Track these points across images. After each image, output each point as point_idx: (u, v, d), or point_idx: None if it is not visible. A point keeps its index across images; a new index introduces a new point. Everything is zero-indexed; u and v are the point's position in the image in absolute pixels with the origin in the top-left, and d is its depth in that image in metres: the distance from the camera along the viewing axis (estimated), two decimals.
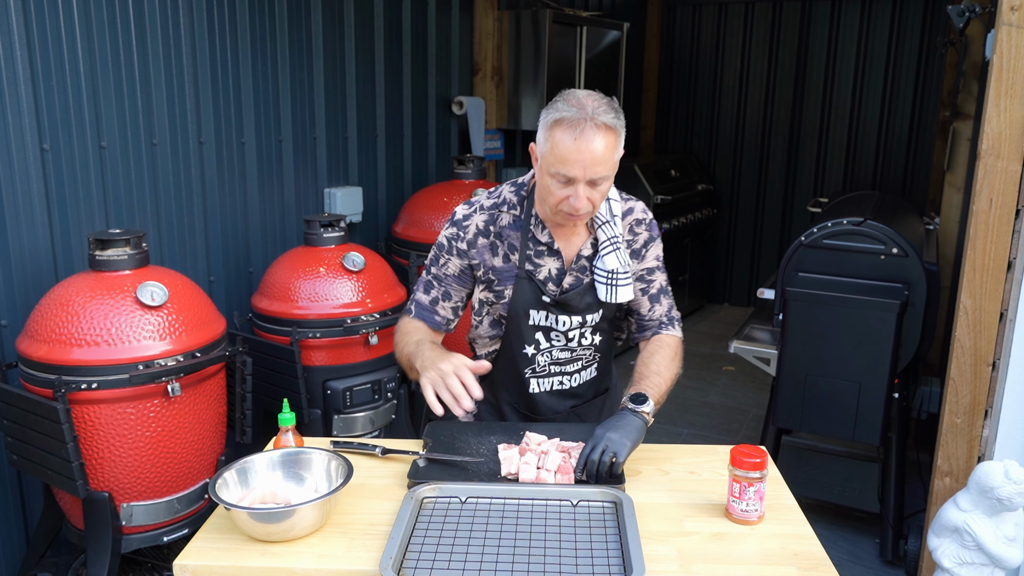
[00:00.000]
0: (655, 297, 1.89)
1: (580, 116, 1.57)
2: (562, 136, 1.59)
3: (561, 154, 1.59)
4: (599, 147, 1.58)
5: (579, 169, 1.59)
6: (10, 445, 2.22)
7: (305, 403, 2.74)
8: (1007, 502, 2.20)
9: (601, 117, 1.58)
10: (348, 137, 3.66)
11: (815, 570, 1.37)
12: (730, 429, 4.23)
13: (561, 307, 1.80)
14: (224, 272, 3.16)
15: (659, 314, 1.90)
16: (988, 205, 2.38)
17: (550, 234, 1.79)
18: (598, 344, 1.89)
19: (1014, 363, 2.38)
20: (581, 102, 1.60)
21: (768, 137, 6.27)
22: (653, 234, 1.87)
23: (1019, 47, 2.27)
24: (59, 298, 2.18)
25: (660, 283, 1.90)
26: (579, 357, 1.89)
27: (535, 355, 1.86)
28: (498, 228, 1.81)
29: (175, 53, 2.84)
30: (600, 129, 1.58)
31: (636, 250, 1.85)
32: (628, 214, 1.84)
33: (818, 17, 5.94)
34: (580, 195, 1.62)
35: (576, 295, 1.80)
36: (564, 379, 1.90)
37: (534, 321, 1.82)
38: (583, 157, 1.58)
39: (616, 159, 1.64)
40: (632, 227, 1.84)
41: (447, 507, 1.51)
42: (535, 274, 1.80)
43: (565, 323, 1.82)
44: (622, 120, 1.64)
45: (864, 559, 3.05)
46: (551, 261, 1.80)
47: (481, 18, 4.39)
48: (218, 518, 1.53)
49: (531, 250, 1.80)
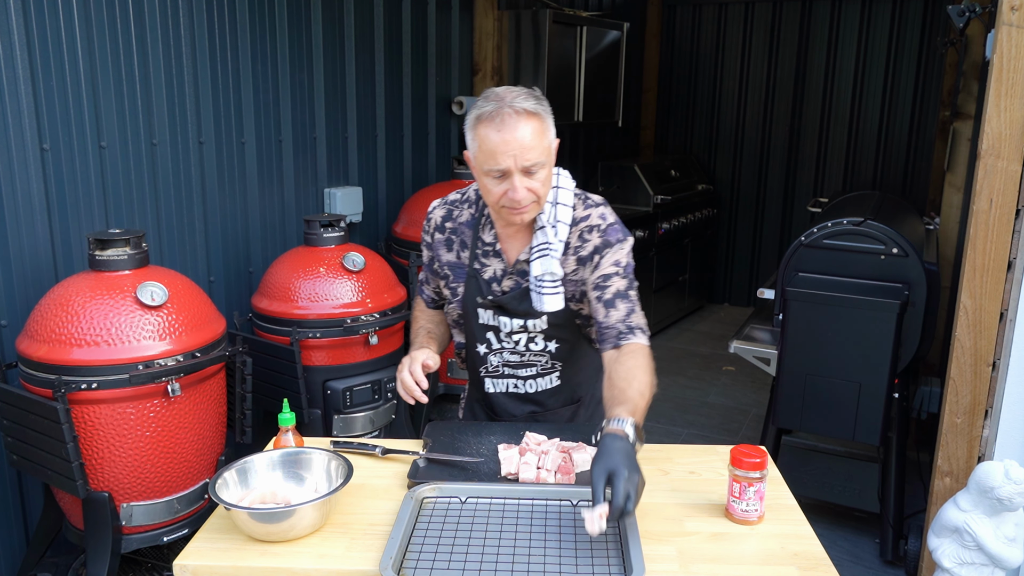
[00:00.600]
0: (610, 302, 1.74)
1: (498, 107, 1.58)
2: (486, 131, 1.59)
3: (488, 149, 1.60)
4: (524, 133, 1.58)
5: (509, 159, 1.59)
6: (10, 445, 2.22)
7: (305, 403, 2.74)
8: (1007, 502, 2.20)
9: (519, 104, 1.58)
10: (348, 137, 3.66)
11: (815, 570, 1.37)
12: (730, 429, 4.23)
13: (501, 309, 1.79)
14: (224, 272, 3.16)
15: (615, 320, 1.73)
16: (988, 205, 2.38)
17: (495, 235, 1.79)
18: (554, 352, 1.82)
19: (1014, 363, 2.38)
20: (499, 95, 1.61)
21: (768, 137, 6.27)
22: (610, 239, 1.74)
23: (1019, 47, 2.27)
24: (59, 298, 2.18)
25: (617, 288, 1.74)
26: (532, 363, 1.84)
27: (487, 354, 1.86)
28: (455, 224, 1.84)
29: (175, 53, 2.84)
30: (520, 115, 1.58)
31: (583, 257, 1.75)
32: (582, 220, 1.76)
33: (818, 17, 5.94)
34: (517, 186, 1.61)
35: (513, 299, 1.76)
36: (518, 383, 1.87)
37: (483, 320, 1.82)
38: (510, 147, 1.58)
39: (547, 145, 1.64)
40: (582, 233, 1.76)
41: (447, 507, 1.51)
42: (481, 273, 1.80)
43: (507, 325, 1.79)
44: (545, 106, 1.64)
45: (864, 559, 3.05)
46: (495, 262, 1.80)
47: (481, 18, 4.39)
48: (218, 518, 1.53)
49: (479, 249, 1.81)
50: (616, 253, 1.75)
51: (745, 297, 6.55)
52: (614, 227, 1.77)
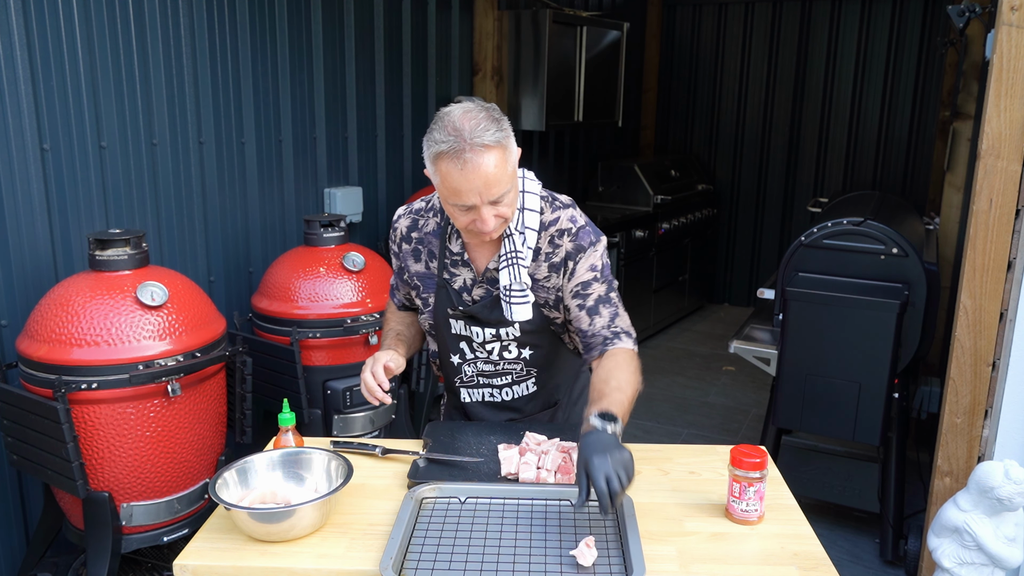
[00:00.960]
0: (593, 309, 1.71)
1: (458, 145, 1.50)
2: (448, 168, 1.52)
3: (452, 187, 1.54)
4: (488, 170, 1.51)
5: (475, 196, 1.54)
6: (10, 445, 2.22)
7: (305, 403, 2.74)
8: (1007, 502, 2.20)
9: (480, 138, 1.50)
10: (348, 137, 3.66)
11: (815, 570, 1.37)
12: (730, 429, 4.23)
13: (472, 319, 1.76)
14: (224, 272, 3.16)
15: (600, 327, 1.71)
16: (988, 205, 2.38)
17: (462, 244, 1.75)
18: (528, 359, 1.80)
19: (1014, 363, 2.38)
20: (457, 128, 1.51)
21: (768, 137, 6.27)
22: (583, 243, 1.70)
23: (1019, 47, 2.27)
24: (59, 298, 2.18)
25: (598, 294, 1.72)
26: (507, 371, 1.82)
27: (461, 364, 1.84)
28: (421, 234, 1.81)
29: (175, 53, 2.84)
30: (482, 152, 1.50)
31: (556, 264, 1.71)
32: (551, 224, 1.71)
33: (818, 17, 5.94)
34: (486, 218, 1.57)
35: (483, 308, 1.74)
36: (494, 391, 1.85)
37: (455, 330, 1.80)
38: (474, 184, 1.52)
39: (511, 170, 1.58)
40: (553, 238, 1.71)
41: (447, 507, 1.51)
42: (451, 283, 1.78)
43: (479, 335, 1.77)
44: (505, 127, 1.57)
45: (864, 559, 3.05)
46: (464, 271, 1.76)
47: (481, 18, 4.39)
48: (218, 518, 1.53)
49: (447, 259, 1.78)
50: (590, 257, 1.71)
51: (745, 297, 6.55)
52: (585, 230, 1.72)
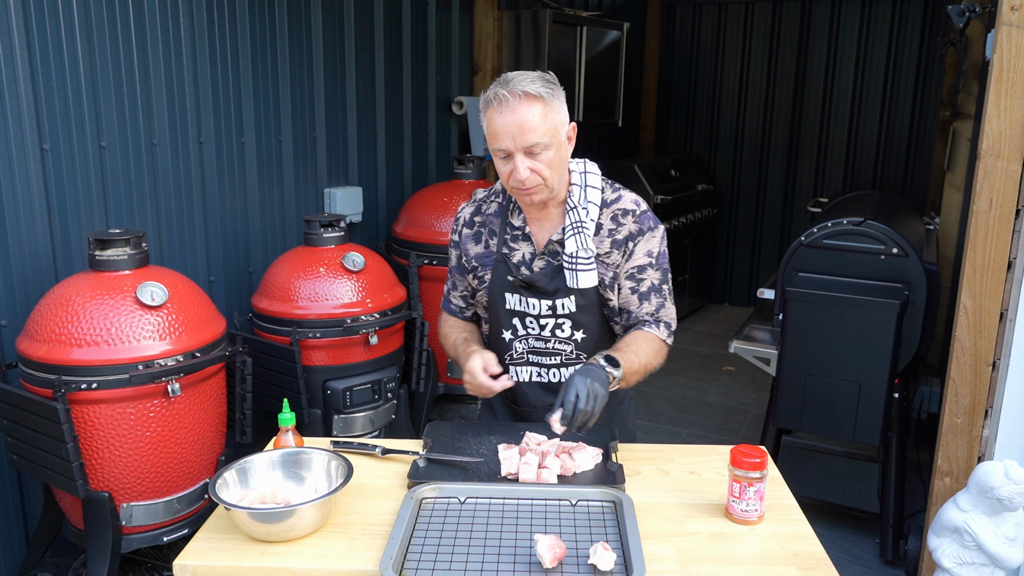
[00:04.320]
0: (644, 295, 1.81)
1: (502, 89, 1.63)
2: (492, 114, 1.65)
3: (493, 130, 1.66)
4: (525, 115, 1.62)
5: (509, 140, 1.64)
6: (10, 445, 2.22)
7: (305, 403, 2.74)
8: (1007, 502, 2.20)
9: (522, 87, 1.63)
10: (348, 137, 3.66)
11: (815, 570, 1.37)
12: (730, 429, 4.23)
13: (530, 289, 1.81)
14: (224, 272, 3.16)
15: (645, 312, 1.82)
16: (988, 205, 2.38)
17: (524, 219, 1.83)
18: (579, 341, 1.84)
19: (1014, 363, 2.38)
20: (507, 78, 1.66)
21: (768, 137, 6.27)
22: (644, 227, 1.80)
23: (1019, 47, 2.27)
24: (59, 298, 2.18)
25: (652, 281, 1.81)
26: (557, 351, 1.85)
27: (512, 341, 1.87)
28: (483, 217, 1.89)
29: (175, 53, 2.84)
30: (521, 98, 1.62)
31: (619, 241, 1.79)
32: (613, 203, 1.81)
33: (818, 17, 5.94)
34: (519, 166, 1.65)
35: (543, 276, 1.79)
36: (541, 371, 1.88)
37: (510, 305, 1.84)
38: (510, 128, 1.63)
39: (551, 127, 1.66)
40: (617, 216, 1.80)
41: (447, 507, 1.51)
42: (510, 257, 1.83)
43: (535, 307, 1.81)
44: (553, 89, 1.67)
45: (864, 559, 3.05)
46: (524, 245, 1.83)
47: (481, 18, 4.39)
48: (218, 518, 1.53)
49: (508, 235, 1.84)
50: (649, 242, 1.80)
51: (745, 297, 6.55)
52: (648, 214, 1.82)
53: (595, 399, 1.55)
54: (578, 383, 1.55)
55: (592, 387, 1.55)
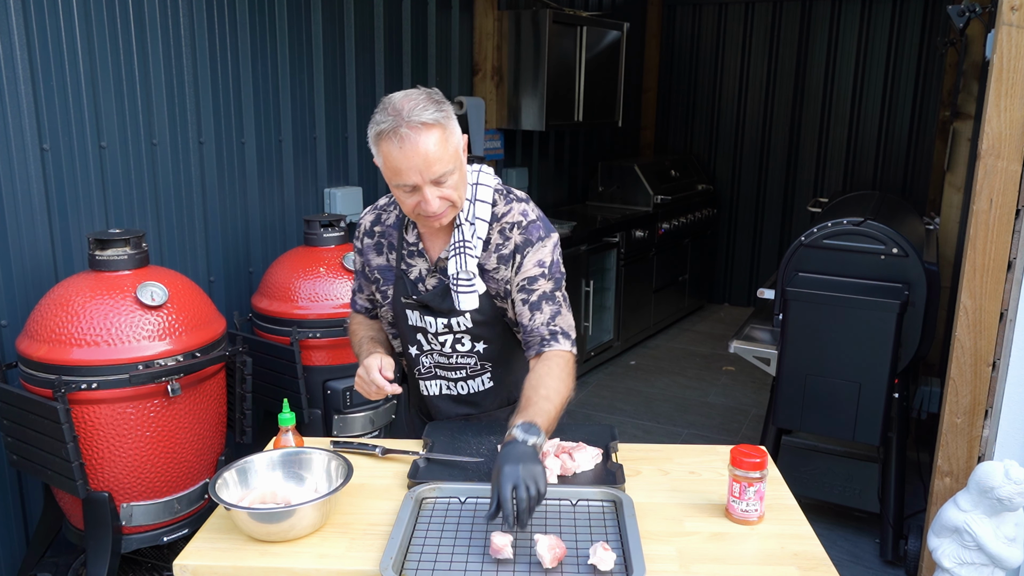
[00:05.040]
0: (535, 305, 1.71)
1: (397, 123, 1.53)
2: (387, 148, 1.55)
3: (393, 166, 1.57)
4: (427, 147, 1.54)
5: (415, 175, 1.56)
6: (10, 445, 2.22)
7: (305, 403, 2.74)
8: (1007, 502, 2.20)
9: (417, 117, 1.53)
10: (348, 137, 3.66)
11: (815, 570, 1.37)
12: (730, 429, 4.23)
13: (425, 308, 1.78)
14: (224, 272, 3.16)
15: (539, 323, 1.71)
16: (988, 205, 2.38)
17: (418, 235, 1.78)
18: (482, 352, 1.80)
19: (1014, 363, 2.38)
20: (396, 108, 1.55)
21: (768, 137, 6.28)
22: (532, 238, 1.71)
23: (1019, 47, 2.27)
24: (59, 298, 2.18)
25: (544, 291, 1.72)
26: (461, 365, 1.82)
27: (419, 356, 1.85)
28: (383, 227, 1.84)
29: (175, 53, 2.84)
30: (420, 130, 1.53)
31: (504, 256, 1.72)
32: (503, 216, 1.73)
33: (818, 17, 5.94)
34: (429, 199, 1.59)
35: (435, 296, 1.74)
36: (449, 384, 1.86)
37: (412, 321, 1.81)
38: (413, 162, 1.54)
39: (452, 151, 1.59)
40: (503, 230, 1.73)
41: (447, 507, 1.51)
42: (408, 274, 1.80)
43: (433, 325, 1.78)
44: (446, 110, 1.59)
45: (864, 559, 3.05)
46: (420, 261, 1.78)
47: (481, 18, 4.39)
48: (218, 518, 1.53)
49: (404, 250, 1.80)
50: (538, 252, 1.72)
51: (745, 297, 6.55)
52: (536, 224, 1.74)
53: (535, 484, 1.38)
54: (510, 475, 1.37)
55: (525, 474, 1.38)
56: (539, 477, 1.39)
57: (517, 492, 1.36)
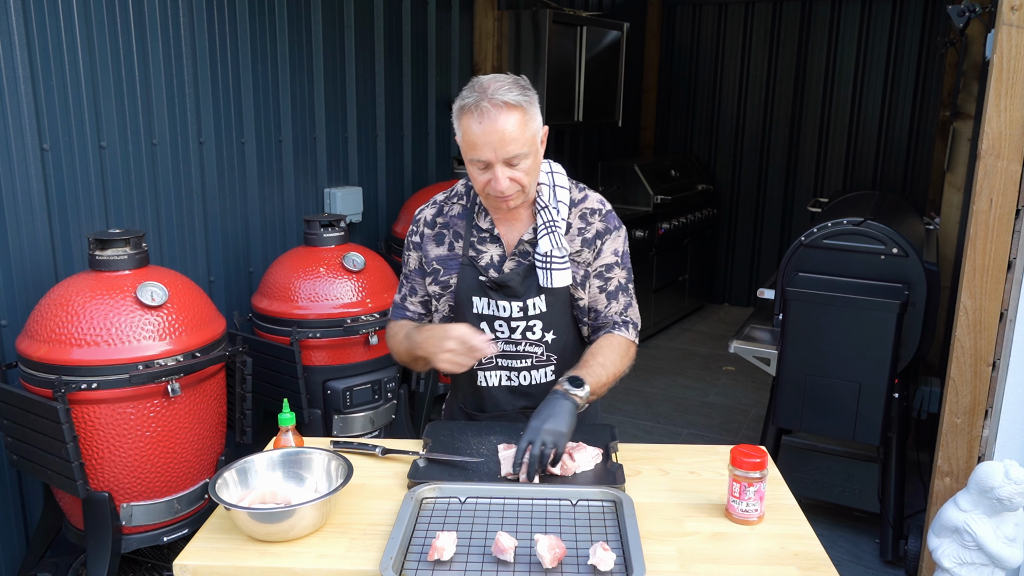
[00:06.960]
0: (612, 294, 1.82)
1: (479, 98, 1.59)
2: (468, 123, 1.61)
3: (470, 140, 1.62)
4: (504, 126, 1.59)
5: (489, 151, 1.61)
6: (10, 445, 2.22)
7: (305, 403, 2.74)
8: (1007, 502, 2.20)
9: (500, 96, 1.59)
10: (348, 137, 3.66)
11: (815, 570, 1.37)
12: (730, 429, 4.23)
13: (500, 290, 1.78)
14: (224, 272, 3.16)
15: (613, 311, 1.83)
16: (988, 205, 2.38)
17: (491, 221, 1.80)
18: (550, 343, 1.82)
19: (1014, 363, 2.38)
20: (483, 85, 1.61)
21: (768, 137, 6.28)
22: (610, 226, 1.82)
23: (1019, 47, 2.27)
24: (59, 298, 2.18)
25: (619, 280, 1.83)
26: (527, 354, 1.83)
27: None
28: (446, 219, 1.86)
29: (175, 53, 2.84)
30: (501, 108, 1.59)
31: (588, 239, 1.80)
32: (581, 202, 1.82)
33: (818, 17, 5.94)
34: (499, 176, 1.63)
35: (515, 276, 1.76)
36: (512, 375, 1.85)
37: (478, 309, 1.81)
38: (490, 139, 1.59)
39: (530, 135, 1.64)
40: (585, 215, 1.81)
41: (447, 507, 1.51)
42: (478, 260, 1.81)
43: (506, 309, 1.79)
44: (529, 96, 1.64)
45: (864, 559, 3.05)
46: (493, 248, 1.80)
47: (481, 18, 4.39)
48: (218, 518, 1.53)
49: (474, 237, 1.82)
50: (615, 241, 1.82)
51: (745, 297, 6.54)
52: (612, 214, 1.85)
53: (553, 442, 1.54)
54: (534, 429, 1.54)
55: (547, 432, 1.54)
56: (560, 438, 1.54)
57: (532, 447, 1.52)
